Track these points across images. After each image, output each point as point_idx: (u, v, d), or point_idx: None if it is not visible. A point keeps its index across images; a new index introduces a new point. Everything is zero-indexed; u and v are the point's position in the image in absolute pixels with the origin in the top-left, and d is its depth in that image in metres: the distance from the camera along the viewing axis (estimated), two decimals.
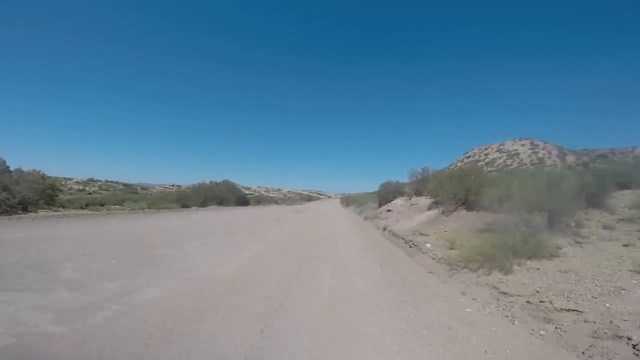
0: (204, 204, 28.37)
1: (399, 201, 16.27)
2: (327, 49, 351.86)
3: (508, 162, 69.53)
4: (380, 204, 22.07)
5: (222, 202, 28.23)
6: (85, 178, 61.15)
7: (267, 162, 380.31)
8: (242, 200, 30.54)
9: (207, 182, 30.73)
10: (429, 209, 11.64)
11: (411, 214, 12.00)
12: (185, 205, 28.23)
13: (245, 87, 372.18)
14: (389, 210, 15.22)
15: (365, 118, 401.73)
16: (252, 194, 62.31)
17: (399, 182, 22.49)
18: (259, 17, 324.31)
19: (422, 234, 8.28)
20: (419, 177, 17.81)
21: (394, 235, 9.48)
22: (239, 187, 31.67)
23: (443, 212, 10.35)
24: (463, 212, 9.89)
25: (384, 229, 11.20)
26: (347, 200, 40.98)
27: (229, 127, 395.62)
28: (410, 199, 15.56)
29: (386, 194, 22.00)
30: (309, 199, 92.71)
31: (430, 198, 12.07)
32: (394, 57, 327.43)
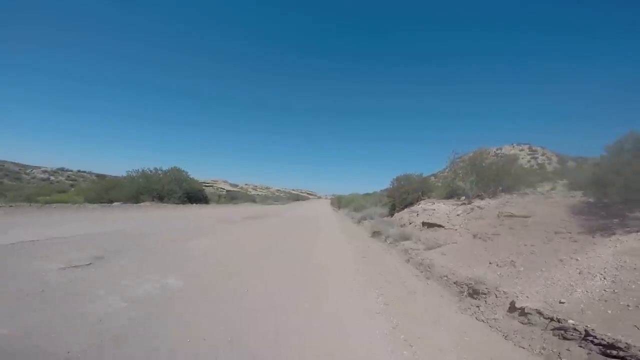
0: (137, 198, 19.94)
1: (444, 206, 8.55)
2: (327, 47, 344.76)
3: (506, 166, 65.40)
4: (394, 210, 14.33)
5: (162, 197, 19.81)
6: (55, 167, 52.15)
7: (259, 161, 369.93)
8: (196, 196, 22.08)
9: (150, 169, 22.14)
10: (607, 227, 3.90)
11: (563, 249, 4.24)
12: (110, 200, 19.79)
13: (243, 83, 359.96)
14: (427, 225, 7.47)
15: (362, 120, 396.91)
16: (238, 191, 55.34)
17: (422, 175, 14.88)
18: (252, 12, 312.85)
19: None
20: (474, 164, 10.20)
21: None
22: (193, 178, 23.08)
23: None
24: None
25: (493, 308, 3.41)
26: (339, 202, 33.08)
27: (220, 123, 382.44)
28: (470, 202, 7.88)
29: (403, 195, 14.28)
30: (297, 198, 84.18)
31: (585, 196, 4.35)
32: (392, 58, 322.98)
